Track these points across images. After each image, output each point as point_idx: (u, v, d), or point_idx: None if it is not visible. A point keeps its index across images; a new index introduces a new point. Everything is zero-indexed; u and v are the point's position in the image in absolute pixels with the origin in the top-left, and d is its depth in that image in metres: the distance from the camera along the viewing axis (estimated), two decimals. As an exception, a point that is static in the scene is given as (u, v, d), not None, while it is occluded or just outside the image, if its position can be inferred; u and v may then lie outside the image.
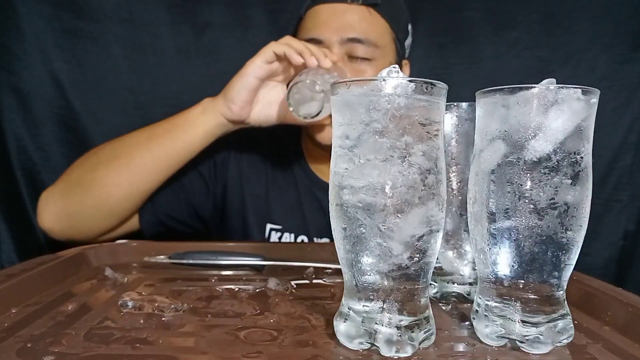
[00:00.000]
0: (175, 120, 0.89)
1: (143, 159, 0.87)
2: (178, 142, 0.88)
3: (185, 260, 0.70)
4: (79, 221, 0.90)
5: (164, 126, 0.89)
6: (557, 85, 0.41)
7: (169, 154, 0.88)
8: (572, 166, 0.41)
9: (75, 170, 0.92)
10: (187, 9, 1.23)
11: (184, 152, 0.89)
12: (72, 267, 0.66)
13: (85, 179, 0.89)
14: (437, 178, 0.41)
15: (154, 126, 0.91)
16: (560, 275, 0.43)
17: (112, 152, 0.90)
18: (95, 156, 0.92)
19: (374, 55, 0.93)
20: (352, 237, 0.41)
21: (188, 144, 0.88)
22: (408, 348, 0.40)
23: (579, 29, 1.24)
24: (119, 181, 0.87)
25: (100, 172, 0.88)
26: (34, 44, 1.16)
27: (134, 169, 0.87)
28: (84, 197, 0.88)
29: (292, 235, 1.00)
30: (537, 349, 0.42)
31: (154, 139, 0.88)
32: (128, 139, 0.91)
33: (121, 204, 0.89)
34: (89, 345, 0.42)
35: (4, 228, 1.20)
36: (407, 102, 0.40)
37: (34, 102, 1.17)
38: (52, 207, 0.90)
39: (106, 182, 0.87)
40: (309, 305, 0.55)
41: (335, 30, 0.91)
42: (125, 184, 0.88)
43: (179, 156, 0.89)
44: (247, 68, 0.85)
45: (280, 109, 0.90)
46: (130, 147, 0.89)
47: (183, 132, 0.87)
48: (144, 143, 0.88)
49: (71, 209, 0.89)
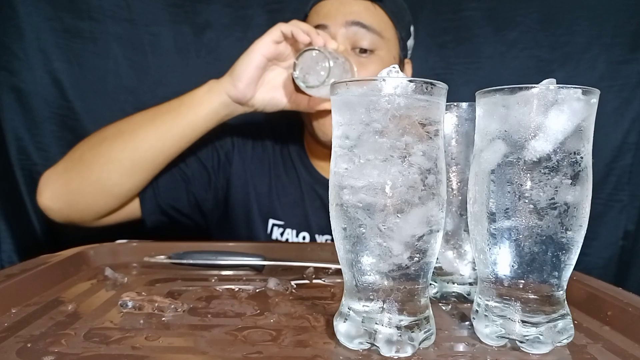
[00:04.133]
0: (181, 99, 0.89)
1: (147, 136, 0.86)
2: (182, 120, 0.87)
3: (185, 260, 0.70)
4: (79, 199, 0.89)
5: (170, 104, 0.89)
6: (557, 85, 0.41)
7: (173, 131, 0.87)
8: (572, 166, 0.41)
9: (78, 148, 0.91)
10: (187, 9, 1.23)
11: (188, 131, 0.88)
12: (72, 267, 0.66)
13: (88, 155, 0.88)
14: (437, 178, 0.41)
15: (161, 105, 0.90)
16: (560, 275, 0.43)
17: (117, 130, 0.89)
18: (100, 134, 0.91)
19: (378, 46, 0.93)
20: (352, 237, 0.41)
21: (192, 122, 0.87)
22: (408, 348, 0.40)
23: (579, 29, 1.24)
24: (121, 157, 0.86)
25: (103, 148, 0.87)
26: (34, 44, 1.16)
27: (137, 146, 0.87)
28: (85, 173, 0.87)
29: (294, 232, 1.00)
30: (537, 349, 0.42)
31: (158, 116, 0.88)
32: (134, 117, 0.91)
33: (122, 183, 0.88)
34: (89, 345, 0.42)
35: (4, 228, 1.20)
36: (407, 102, 0.40)
37: (34, 102, 1.18)
38: (53, 185, 0.89)
39: (108, 158, 0.86)
40: (309, 305, 0.55)
41: (340, 16, 0.93)
42: (127, 161, 0.87)
43: (182, 134, 0.88)
44: (254, 46, 0.85)
45: (285, 93, 0.90)
46: (135, 124, 0.88)
47: (187, 110, 0.87)
48: (149, 120, 0.88)
49: (71, 187, 0.88)
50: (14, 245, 1.21)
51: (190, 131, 0.88)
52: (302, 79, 0.83)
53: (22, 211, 1.19)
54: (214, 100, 0.87)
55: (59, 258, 0.65)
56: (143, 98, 1.23)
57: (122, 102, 1.23)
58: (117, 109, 1.23)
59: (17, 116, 1.17)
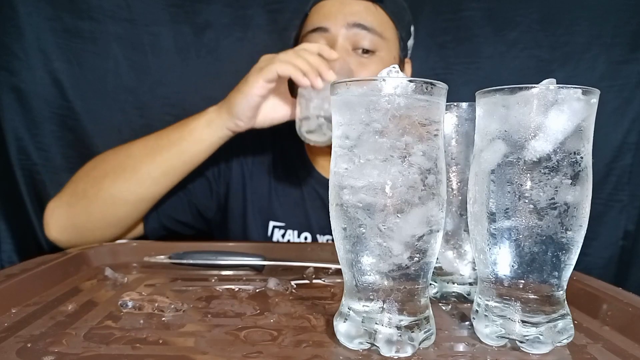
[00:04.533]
0: (180, 131, 0.88)
1: (149, 171, 0.87)
2: (184, 155, 0.88)
3: (185, 260, 0.70)
4: (86, 232, 0.90)
5: (169, 137, 0.89)
6: (557, 85, 0.41)
7: (175, 165, 0.88)
8: (572, 166, 0.41)
9: (80, 181, 0.92)
10: (187, 9, 1.23)
11: (190, 163, 0.89)
12: (72, 267, 0.66)
13: (91, 191, 0.89)
14: (437, 178, 0.41)
15: (159, 136, 0.90)
16: (560, 275, 0.43)
17: (118, 164, 0.89)
18: (101, 167, 0.91)
19: (378, 46, 0.93)
20: (352, 237, 0.41)
21: (194, 155, 0.88)
22: (408, 348, 0.40)
23: (579, 29, 1.24)
24: (126, 194, 0.88)
25: (106, 184, 0.88)
26: (34, 44, 1.16)
27: (140, 181, 0.88)
28: (90, 209, 0.88)
29: (295, 233, 1.00)
30: (537, 349, 0.42)
31: (159, 151, 0.88)
32: (133, 149, 0.90)
33: (128, 215, 0.90)
34: (89, 345, 0.42)
35: (4, 228, 1.20)
36: (407, 102, 0.40)
37: (34, 102, 1.17)
38: (59, 219, 0.90)
39: (113, 195, 0.87)
40: (309, 305, 0.55)
41: (341, 17, 0.93)
42: (132, 196, 0.88)
43: (184, 167, 0.89)
44: (250, 87, 0.84)
45: (284, 111, 0.90)
46: (136, 158, 0.88)
47: (188, 145, 0.87)
48: (150, 155, 0.88)
49: (77, 221, 0.89)
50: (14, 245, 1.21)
51: (192, 163, 0.89)
52: (305, 135, 0.85)
53: (22, 211, 1.19)
54: (215, 134, 0.87)
55: (59, 258, 0.66)
56: (143, 98, 1.23)
57: (122, 102, 1.23)
58: (117, 109, 1.23)
59: (17, 116, 1.17)
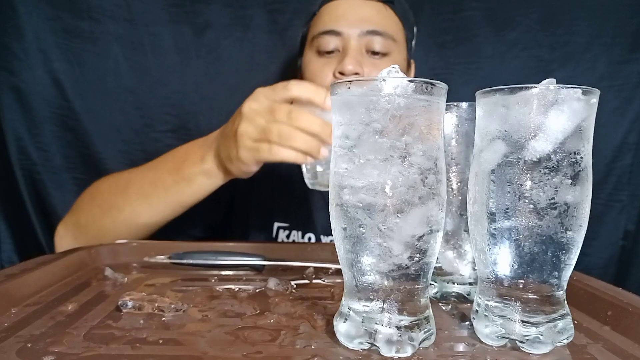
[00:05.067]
0: (175, 177, 0.84)
1: (145, 211, 0.86)
2: (181, 203, 0.86)
3: (185, 260, 0.70)
4: None
5: (165, 181, 0.85)
6: (557, 85, 0.41)
7: (172, 210, 0.87)
8: (572, 166, 0.41)
9: (82, 213, 0.93)
10: (187, 9, 1.23)
11: (189, 206, 0.87)
12: (72, 267, 0.66)
13: (92, 228, 0.90)
14: (437, 178, 0.41)
15: (156, 173, 0.87)
16: (560, 275, 0.43)
17: (115, 203, 0.89)
18: (100, 201, 0.92)
19: (391, 49, 0.94)
20: (352, 237, 0.41)
21: (192, 201, 0.86)
22: (408, 348, 0.40)
23: (579, 29, 1.24)
24: (124, 230, 0.87)
25: (105, 222, 0.88)
26: (34, 44, 1.16)
27: (138, 221, 0.87)
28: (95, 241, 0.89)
29: (299, 233, 1.01)
30: (537, 349, 0.42)
31: (155, 196, 0.86)
32: (130, 188, 0.89)
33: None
34: (89, 345, 0.42)
35: (4, 228, 1.20)
36: (407, 102, 0.40)
37: (34, 102, 1.18)
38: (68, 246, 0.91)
39: (113, 232, 0.87)
40: (309, 305, 0.54)
41: (354, 22, 0.92)
42: (132, 233, 0.88)
43: (182, 209, 0.87)
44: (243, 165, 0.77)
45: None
46: (132, 200, 0.87)
47: (186, 195, 0.84)
48: (146, 199, 0.86)
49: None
50: (14, 245, 1.21)
51: (189, 205, 0.87)
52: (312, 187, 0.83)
53: (22, 211, 1.19)
54: (215, 183, 0.83)
55: (59, 258, 0.65)
56: (143, 98, 1.23)
57: (122, 102, 1.23)
58: (117, 109, 1.23)
59: (17, 116, 1.17)
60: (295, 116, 0.70)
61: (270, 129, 0.71)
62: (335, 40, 0.93)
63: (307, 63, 0.99)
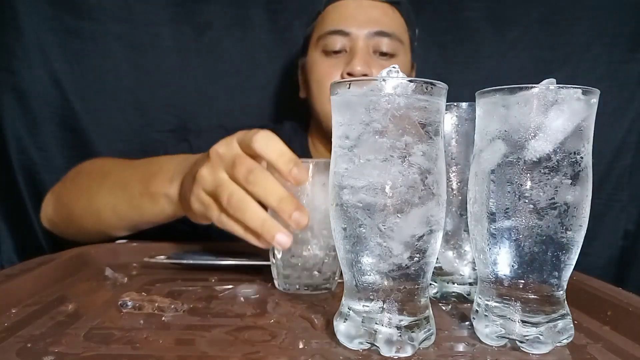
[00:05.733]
0: (144, 187, 0.76)
1: (109, 210, 0.81)
2: (141, 213, 0.78)
3: (185, 260, 0.70)
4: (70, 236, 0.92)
5: (133, 188, 0.78)
6: (557, 85, 0.41)
7: (132, 217, 0.80)
8: (572, 166, 0.41)
9: (64, 189, 0.93)
10: (187, 9, 1.23)
11: (147, 221, 0.80)
12: (72, 267, 0.66)
13: (68, 207, 0.90)
14: (437, 178, 0.41)
15: (131, 175, 0.81)
16: (560, 275, 0.43)
17: (90, 188, 0.86)
18: (79, 184, 0.90)
19: (398, 50, 0.94)
20: (352, 237, 0.41)
21: (151, 219, 0.78)
22: (408, 348, 0.40)
23: (579, 29, 1.24)
24: (90, 227, 0.85)
25: (79, 205, 0.87)
26: (34, 44, 1.16)
27: (102, 217, 0.82)
28: (67, 224, 0.91)
29: None
30: (537, 349, 0.42)
31: (121, 197, 0.80)
32: (103, 185, 0.84)
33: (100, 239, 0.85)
34: (89, 345, 0.42)
35: (4, 228, 1.20)
36: (407, 102, 0.40)
37: (34, 102, 1.18)
38: (48, 216, 0.94)
39: (81, 219, 0.86)
40: (309, 305, 0.55)
41: (362, 23, 0.92)
42: (100, 233, 0.85)
43: (142, 222, 0.81)
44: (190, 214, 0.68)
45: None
46: (103, 192, 0.83)
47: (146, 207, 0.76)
48: (114, 195, 0.81)
49: (63, 224, 0.93)
50: (14, 245, 1.21)
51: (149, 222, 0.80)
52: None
53: (22, 211, 1.19)
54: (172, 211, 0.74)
55: (59, 258, 0.66)
56: (143, 98, 1.23)
57: (122, 102, 1.23)
58: (117, 109, 1.23)
59: (17, 116, 1.17)
60: (253, 179, 0.56)
61: (221, 191, 0.58)
62: (342, 40, 0.93)
63: (313, 63, 0.98)
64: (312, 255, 0.58)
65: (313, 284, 0.59)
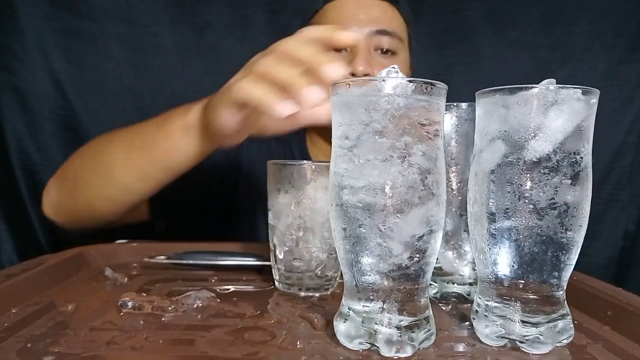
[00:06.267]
0: (155, 132, 0.73)
1: (122, 176, 0.76)
2: (158, 163, 0.73)
3: (185, 260, 0.70)
4: (77, 218, 0.87)
5: (144, 138, 0.74)
6: (557, 85, 0.41)
7: (149, 173, 0.74)
8: (572, 166, 0.41)
9: (68, 169, 0.87)
10: (187, 9, 1.23)
11: (168, 173, 0.74)
12: (72, 267, 0.66)
13: (73, 186, 0.84)
14: (436, 178, 0.41)
15: (136, 132, 0.77)
16: (560, 275, 0.43)
17: (96, 160, 0.82)
18: (84, 159, 0.86)
19: (398, 48, 0.94)
20: (352, 237, 0.41)
21: (171, 165, 0.73)
22: (408, 348, 0.40)
23: (579, 29, 1.24)
24: (103, 196, 0.80)
25: (84, 182, 0.82)
26: (34, 44, 1.16)
27: (114, 185, 0.78)
28: (76, 201, 0.84)
29: None
30: (537, 349, 0.42)
31: (132, 153, 0.75)
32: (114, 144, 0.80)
33: (110, 212, 0.83)
34: (89, 345, 0.42)
35: (4, 228, 1.20)
36: (406, 102, 0.40)
37: (34, 102, 1.18)
38: (52, 200, 0.87)
39: (91, 194, 0.81)
40: (309, 305, 0.55)
41: (363, 22, 0.92)
42: (108, 199, 0.80)
43: (161, 176, 0.74)
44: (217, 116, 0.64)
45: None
46: (112, 157, 0.78)
47: (164, 154, 0.72)
48: (124, 157, 0.76)
49: (67, 208, 0.86)
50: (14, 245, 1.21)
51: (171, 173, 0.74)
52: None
53: (22, 211, 1.19)
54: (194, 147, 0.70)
55: (59, 258, 0.65)
56: (143, 98, 1.23)
57: (122, 102, 1.23)
58: (117, 109, 1.23)
59: (17, 116, 1.17)
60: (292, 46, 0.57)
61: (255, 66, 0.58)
62: None
63: None
64: (314, 257, 0.58)
65: (314, 285, 0.59)
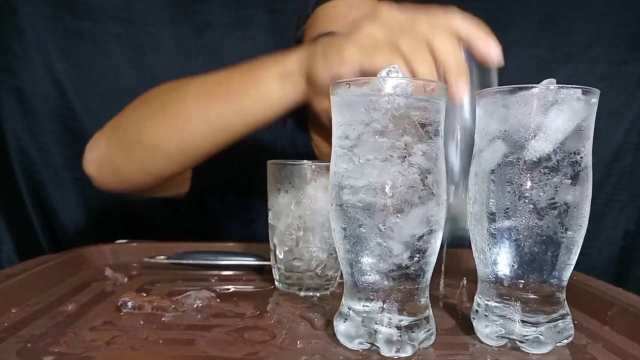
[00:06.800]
0: (244, 80, 0.66)
1: (198, 122, 0.69)
2: (243, 114, 0.66)
3: (185, 260, 0.70)
4: (123, 176, 0.79)
5: (230, 86, 0.68)
6: (557, 85, 0.41)
7: (230, 124, 0.68)
8: (572, 166, 0.41)
9: (124, 118, 0.80)
10: (187, 9, 1.23)
11: (251, 125, 0.67)
12: (72, 267, 0.66)
13: (131, 133, 0.75)
14: (437, 178, 0.41)
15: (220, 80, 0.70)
16: (560, 275, 0.43)
17: (164, 105, 0.73)
18: (148, 105, 0.78)
19: None
20: (352, 237, 0.41)
21: (257, 117, 0.66)
22: (408, 348, 0.40)
23: (579, 29, 1.24)
24: (167, 145, 0.71)
25: (147, 128, 0.73)
26: (34, 44, 1.16)
27: (185, 133, 0.70)
28: (128, 153, 0.75)
29: None
30: (537, 349, 0.42)
31: (214, 101, 0.68)
32: (188, 90, 0.73)
33: (168, 168, 0.75)
34: (89, 345, 0.42)
35: (4, 228, 1.20)
36: (407, 102, 0.40)
37: (34, 102, 1.18)
38: (96, 155, 0.79)
39: (153, 143, 0.72)
40: (309, 305, 0.55)
41: None
42: (174, 149, 0.71)
43: (242, 128, 0.68)
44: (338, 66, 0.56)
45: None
46: (186, 103, 0.71)
47: (251, 103, 0.65)
48: (202, 103, 0.69)
49: (114, 162, 0.78)
50: (14, 245, 1.21)
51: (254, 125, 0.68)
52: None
53: (22, 211, 1.19)
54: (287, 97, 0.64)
55: (59, 258, 0.65)
56: (143, 98, 1.23)
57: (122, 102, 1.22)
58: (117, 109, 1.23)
59: (17, 116, 1.17)
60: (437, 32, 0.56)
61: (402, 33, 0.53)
62: None
63: None
64: (314, 257, 0.58)
65: (314, 285, 0.59)
